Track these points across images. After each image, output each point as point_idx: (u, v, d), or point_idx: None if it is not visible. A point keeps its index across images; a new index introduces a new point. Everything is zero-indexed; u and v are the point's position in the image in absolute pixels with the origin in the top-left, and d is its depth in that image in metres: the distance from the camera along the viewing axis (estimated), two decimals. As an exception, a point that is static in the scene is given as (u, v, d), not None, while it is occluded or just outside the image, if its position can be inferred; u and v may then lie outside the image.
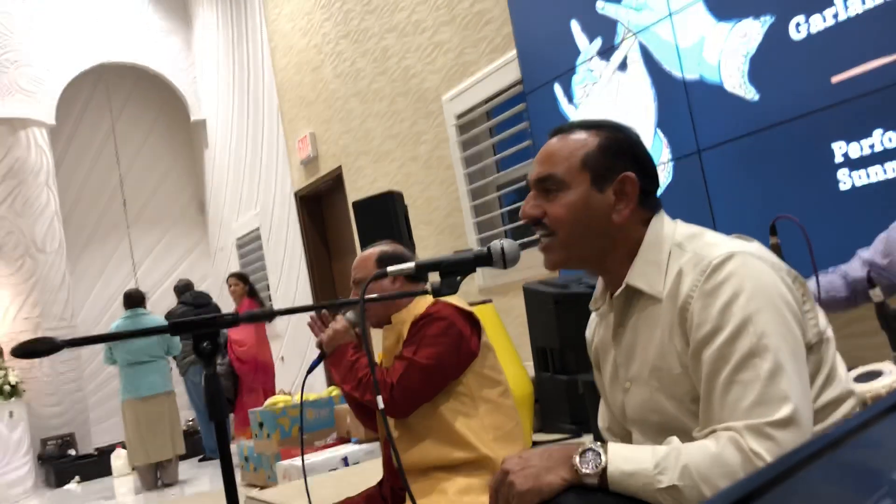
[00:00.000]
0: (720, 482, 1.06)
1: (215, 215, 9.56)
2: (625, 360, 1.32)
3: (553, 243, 1.30)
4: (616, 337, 1.34)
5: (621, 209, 1.28)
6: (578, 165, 1.29)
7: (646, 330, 1.27)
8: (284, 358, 8.02)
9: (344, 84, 6.36)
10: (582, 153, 1.29)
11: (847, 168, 2.70)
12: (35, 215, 8.17)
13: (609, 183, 1.28)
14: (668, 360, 1.22)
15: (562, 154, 1.31)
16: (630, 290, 1.28)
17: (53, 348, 1.20)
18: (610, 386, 1.40)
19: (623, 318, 1.32)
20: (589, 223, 1.28)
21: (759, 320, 1.12)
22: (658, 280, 1.24)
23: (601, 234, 1.28)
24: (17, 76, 8.31)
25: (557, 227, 1.28)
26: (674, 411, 1.22)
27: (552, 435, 3.51)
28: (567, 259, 1.32)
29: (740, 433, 1.08)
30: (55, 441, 8.00)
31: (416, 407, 1.98)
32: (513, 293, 4.50)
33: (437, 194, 5.35)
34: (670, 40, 3.32)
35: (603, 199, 1.28)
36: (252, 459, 5.45)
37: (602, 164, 1.29)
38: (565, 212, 1.28)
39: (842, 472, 0.44)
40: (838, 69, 2.70)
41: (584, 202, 1.28)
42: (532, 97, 4.11)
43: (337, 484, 3.27)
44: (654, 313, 1.25)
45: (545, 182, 1.30)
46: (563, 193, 1.28)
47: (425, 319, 1.98)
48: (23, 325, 7.98)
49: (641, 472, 1.09)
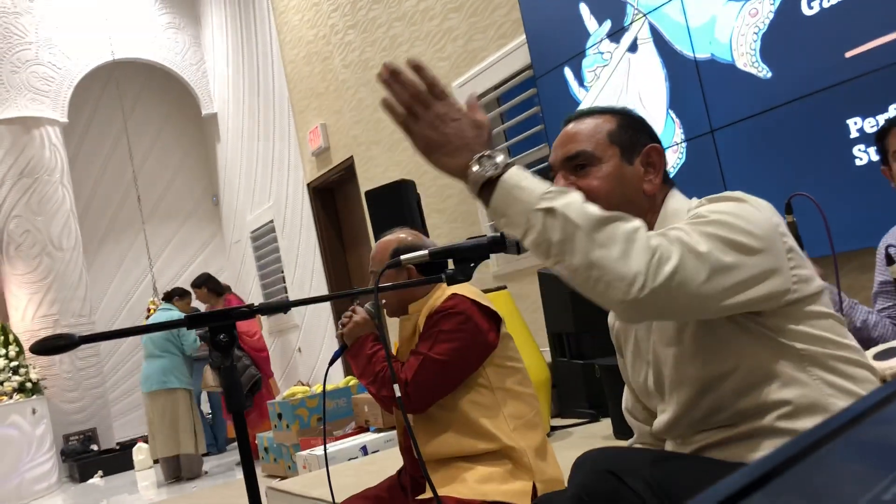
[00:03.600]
0: (595, 232, 1.08)
1: (229, 209, 9.60)
2: (645, 332, 1.33)
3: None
4: None
5: (652, 179, 1.32)
6: (605, 141, 1.32)
7: None
8: (301, 349, 8.06)
9: (353, 74, 6.35)
10: (606, 130, 1.33)
11: (863, 144, 2.67)
12: (51, 213, 8.23)
13: (636, 155, 1.32)
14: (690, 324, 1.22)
15: (586, 133, 1.33)
16: None
17: (72, 344, 1.21)
18: (633, 365, 1.40)
19: None
20: (623, 193, 1.30)
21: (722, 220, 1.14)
22: None
23: (634, 205, 1.30)
24: (28, 76, 8.37)
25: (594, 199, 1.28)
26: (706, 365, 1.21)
27: (570, 420, 3.51)
28: None
29: (659, 238, 1.10)
30: (77, 436, 8.09)
31: (431, 403, 1.97)
32: (528, 279, 4.49)
33: (449, 182, 5.34)
34: (681, 20, 3.29)
35: (633, 170, 1.32)
36: (272, 450, 5.49)
37: (627, 139, 1.32)
38: (601, 183, 1.30)
39: (863, 449, 0.43)
40: (852, 44, 2.67)
41: (617, 173, 1.30)
42: (542, 82, 4.09)
43: (356, 473, 3.29)
44: None
45: (575, 159, 1.32)
46: (595, 168, 1.31)
47: (441, 314, 1.96)
48: (41, 322, 8.05)
49: (531, 187, 1.13)
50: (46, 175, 8.26)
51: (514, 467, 1.91)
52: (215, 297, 6.68)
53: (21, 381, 7.43)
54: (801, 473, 0.39)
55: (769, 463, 0.39)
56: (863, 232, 2.55)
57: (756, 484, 0.38)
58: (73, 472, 7.92)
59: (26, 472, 7.19)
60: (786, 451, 0.40)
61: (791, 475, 0.39)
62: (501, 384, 1.97)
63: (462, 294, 1.97)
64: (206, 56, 9.49)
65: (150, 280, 9.11)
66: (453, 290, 1.99)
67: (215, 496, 5.59)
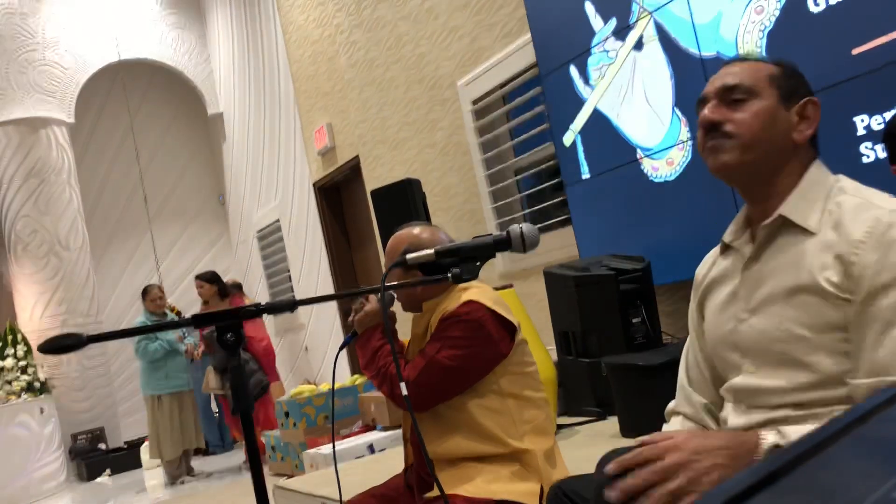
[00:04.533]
0: None
1: (235, 208, 9.62)
2: (749, 290, 1.30)
3: (730, 144, 1.30)
4: (746, 267, 1.32)
5: (803, 129, 1.30)
6: (766, 80, 1.31)
7: (787, 262, 1.25)
8: (308, 348, 8.07)
9: (359, 73, 6.35)
10: (768, 71, 1.32)
11: (870, 141, 2.66)
12: (58, 213, 8.26)
13: (794, 104, 1.30)
14: (811, 293, 1.20)
15: (748, 70, 1.33)
16: (779, 222, 1.28)
17: (79, 344, 1.21)
18: (717, 316, 1.37)
19: (762, 250, 1.31)
20: (773, 133, 1.29)
21: None
22: (813, 215, 1.24)
23: (779, 150, 1.29)
24: (35, 76, 8.40)
25: (742, 130, 1.29)
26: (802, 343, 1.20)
27: (576, 418, 3.51)
28: (741, 163, 1.30)
29: None
30: (85, 436, 8.12)
31: (432, 405, 1.95)
32: (533, 277, 4.49)
33: (454, 180, 5.34)
34: (686, 18, 3.29)
35: (788, 116, 1.30)
36: (279, 448, 5.50)
37: (788, 85, 1.31)
38: (752, 118, 1.29)
39: (870, 448, 0.43)
40: (859, 41, 2.66)
41: (772, 113, 1.29)
42: (548, 80, 4.08)
43: (363, 472, 3.29)
44: (802, 246, 1.24)
45: (732, 91, 1.31)
46: (751, 102, 1.30)
47: (454, 319, 1.92)
48: (49, 322, 8.08)
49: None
50: (54, 175, 8.29)
51: (522, 469, 1.91)
52: (218, 299, 6.52)
53: (29, 380, 7.47)
54: (809, 472, 0.39)
55: (777, 461, 0.39)
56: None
57: (764, 482, 0.38)
58: (81, 470, 7.95)
59: (34, 471, 7.22)
60: (793, 449, 0.40)
61: (798, 474, 0.39)
62: (514, 391, 1.94)
63: (479, 301, 1.93)
64: (212, 56, 9.51)
65: (157, 280, 9.13)
66: (471, 294, 1.95)
67: (223, 495, 5.60)
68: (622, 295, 3.34)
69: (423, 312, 2.05)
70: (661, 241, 3.55)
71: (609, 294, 3.34)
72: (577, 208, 4.02)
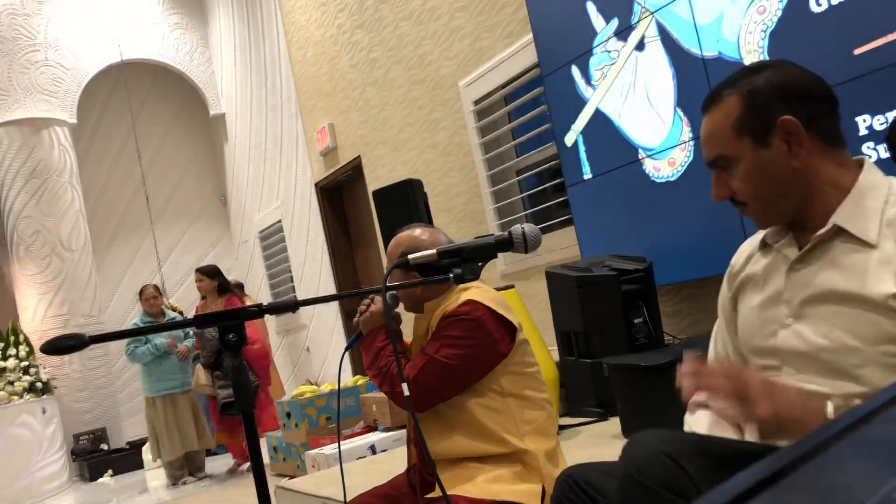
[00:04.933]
0: None
1: (237, 209, 9.63)
2: (794, 294, 1.27)
3: (750, 211, 1.31)
4: (792, 271, 1.29)
5: (796, 152, 1.25)
6: (733, 135, 1.28)
7: (842, 272, 1.21)
8: (310, 348, 8.08)
9: (361, 74, 6.36)
10: (731, 122, 1.28)
11: (872, 141, 2.66)
12: (60, 214, 8.27)
13: (771, 135, 1.26)
14: (869, 305, 1.17)
15: (714, 131, 1.31)
16: (835, 231, 1.24)
17: (81, 344, 1.21)
18: (757, 316, 1.34)
19: (810, 255, 1.27)
20: (772, 183, 1.27)
21: None
22: (871, 226, 1.20)
23: (790, 186, 1.26)
24: (38, 77, 8.40)
25: (745, 197, 1.30)
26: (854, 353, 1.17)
27: (578, 419, 3.51)
28: (771, 221, 1.32)
29: None
30: (87, 436, 8.12)
31: (432, 405, 1.95)
32: (535, 277, 4.49)
33: (456, 181, 5.34)
34: (688, 18, 3.29)
35: (773, 153, 1.26)
36: (281, 449, 5.51)
37: (754, 123, 1.26)
38: (745, 184, 1.28)
39: (871, 448, 0.43)
40: (861, 41, 2.65)
41: (757, 167, 1.27)
42: (549, 80, 4.08)
43: (365, 472, 3.30)
44: (860, 257, 1.20)
45: (717, 162, 1.32)
46: (735, 168, 1.29)
47: (454, 318, 1.92)
48: (51, 322, 8.09)
49: None
50: (56, 176, 8.29)
51: (524, 469, 1.91)
52: (216, 295, 6.31)
53: (31, 380, 7.47)
54: (811, 472, 0.39)
55: (778, 462, 0.39)
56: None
57: (765, 482, 0.38)
58: (84, 471, 7.95)
59: (37, 471, 7.22)
60: (795, 450, 0.40)
61: (800, 474, 0.39)
62: (515, 391, 1.94)
63: (479, 300, 1.93)
64: (214, 56, 9.52)
65: (160, 280, 9.13)
66: (472, 294, 1.95)
67: (225, 495, 5.61)
68: (624, 295, 3.34)
69: (424, 313, 2.05)
70: (662, 241, 3.55)
71: (611, 294, 3.34)
72: (578, 209, 4.02)
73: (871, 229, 1.20)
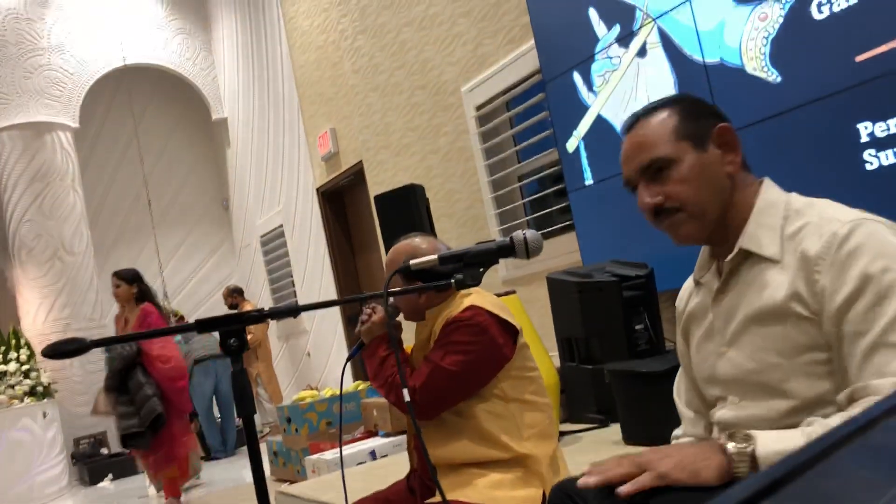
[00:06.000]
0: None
1: (239, 213, 9.63)
2: (723, 323, 1.31)
3: (682, 218, 1.30)
4: (716, 301, 1.33)
5: (731, 159, 1.29)
6: (673, 138, 1.30)
7: (753, 292, 1.25)
8: (310, 353, 8.07)
9: (363, 79, 6.37)
10: (670, 126, 1.31)
11: (874, 148, 2.66)
12: (62, 218, 8.28)
13: (708, 141, 1.29)
14: (778, 317, 1.20)
15: (652, 137, 1.31)
16: (742, 254, 1.28)
17: (82, 348, 1.22)
18: (698, 351, 1.38)
19: (728, 283, 1.31)
20: (709, 184, 1.28)
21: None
22: (773, 243, 1.24)
23: (722, 191, 1.29)
24: (41, 81, 8.42)
25: (682, 201, 1.29)
26: (777, 370, 1.20)
27: (579, 425, 3.50)
28: (701, 229, 1.31)
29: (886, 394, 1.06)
30: (88, 440, 8.12)
31: (439, 412, 1.95)
32: (536, 283, 4.49)
33: (457, 186, 5.35)
34: (690, 24, 3.29)
35: (710, 156, 1.29)
36: (281, 454, 5.50)
37: (694, 128, 1.30)
38: (685, 185, 1.28)
39: (873, 456, 0.43)
40: (862, 48, 2.66)
41: (697, 167, 1.28)
42: (551, 86, 4.09)
43: (365, 477, 3.29)
44: (765, 274, 1.24)
45: (651, 167, 1.30)
46: (674, 170, 1.29)
47: (457, 324, 1.93)
48: (53, 326, 8.09)
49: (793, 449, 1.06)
50: (58, 179, 8.30)
51: (526, 474, 1.91)
52: (133, 304, 5.48)
53: (32, 384, 7.46)
54: (812, 480, 0.39)
55: (780, 470, 0.39)
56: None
57: (766, 491, 0.38)
58: (84, 475, 7.94)
59: (37, 475, 7.22)
60: (794, 458, 0.40)
61: (802, 482, 0.39)
62: (517, 395, 1.95)
63: (480, 305, 1.94)
64: (217, 61, 9.53)
65: (161, 284, 9.14)
66: (472, 300, 1.96)
67: (224, 500, 5.60)
68: (625, 301, 3.33)
69: (426, 320, 2.05)
70: (664, 247, 3.53)
71: (612, 300, 3.33)
72: (580, 214, 4.02)
73: (773, 246, 1.24)
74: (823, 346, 1.17)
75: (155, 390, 5.22)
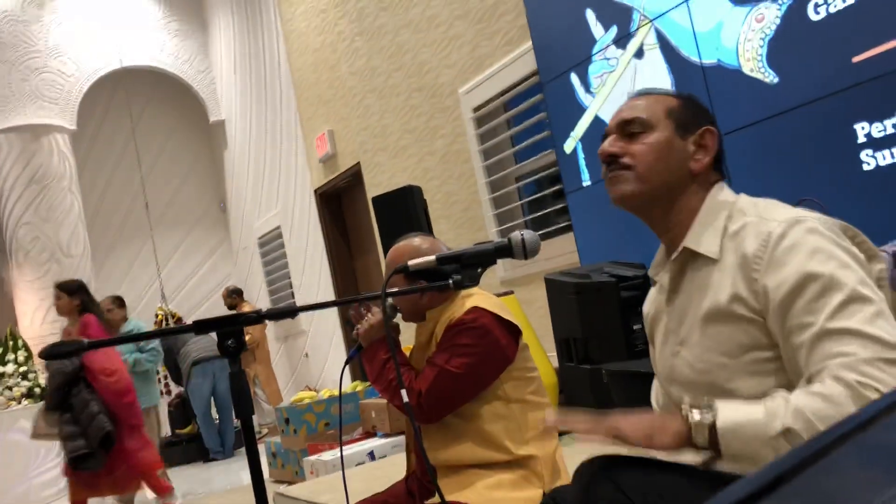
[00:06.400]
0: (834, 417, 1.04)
1: (237, 215, 9.63)
2: (676, 324, 1.33)
3: (626, 175, 1.33)
4: (669, 301, 1.36)
5: (700, 158, 1.33)
6: (663, 113, 1.35)
7: (699, 291, 1.28)
8: (308, 354, 8.07)
9: (360, 81, 6.37)
10: (665, 104, 1.36)
11: (871, 148, 2.67)
12: (59, 220, 8.26)
13: (691, 133, 1.34)
14: (722, 318, 1.23)
15: (646, 103, 1.37)
16: (686, 253, 1.31)
17: (80, 350, 1.22)
18: (660, 354, 1.40)
19: (677, 282, 1.34)
20: (668, 162, 1.32)
21: (842, 275, 1.13)
22: (714, 241, 1.27)
23: (676, 177, 1.32)
24: (38, 83, 8.41)
25: (637, 161, 1.32)
26: (724, 370, 1.23)
27: (578, 425, 3.50)
28: (637, 193, 1.33)
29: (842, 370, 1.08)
30: (86, 442, 8.08)
31: (445, 415, 1.95)
32: (534, 284, 4.49)
33: (455, 188, 5.35)
34: (687, 26, 3.29)
35: (684, 145, 1.33)
36: (279, 455, 5.50)
37: (685, 116, 1.35)
38: (648, 149, 1.32)
39: (872, 454, 0.43)
40: (859, 49, 2.66)
41: (667, 143, 1.32)
42: (549, 88, 4.09)
43: (364, 478, 3.29)
44: (709, 274, 1.27)
45: (630, 125, 1.35)
46: (647, 134, 1.33)
47: (460, 327, 1.92)
48: (50, 328, 8.07)
49: (752, 420, 1.09)
50: (55, 182, 8.29)
51: (526, 475, 1.91)
52: (76, 317, 5.24)
53: (30, 386, 7.45)
54: (811, 478, 0.39)
55: (778, 468, 0.39)
56: (871, 237, 2.54)
57: (765, 489, 0.38)
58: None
59: (34, 477, 7.20)
60: (795, 456, 0.40)
61: (800, 480, 0.39)
62: (518, 396, 1.95)
63: (483, 307, 1.94)
64: (214, 63, 9.53)
65: (158, 287, 9.14)
66: (474, 301, 1.95)
67: (223, 502, 5.59)
68: (623, 302, 3.34)
69: (426, 321, 2.05)
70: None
71: (610, 301, 3.34)
72: (577, 215, 4.03)
73: (712, 245, 1.27)
74: (766, 345, 1.19)
75: (101, 406, 4.82)
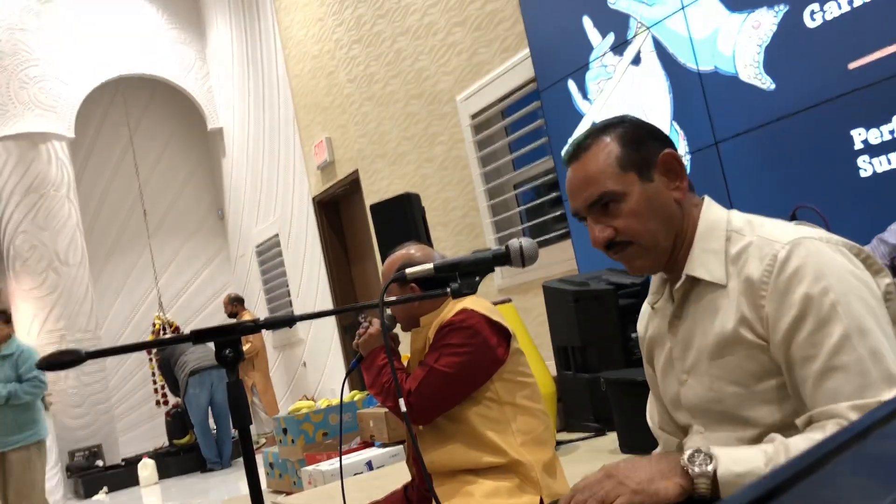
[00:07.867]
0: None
1: (235, 223, 9.62)
2: (681, 351, 1.30)
3: (634, 251, 1.28)
4: (672, 328, 1.32)
5: (677, 185, 1.28)
6: (618, 170, 1.26)
7: (705, 318, 1.25)
8: (306, 363, 8.05)
9: (358, 88, 6.38)
10: (613, 158, 1.27)
11: (867, 155, 2.67)
12: (57, 228, 8.26)
13: (653, 169, 1.27)
14: (730, 346, 1.20)
15: (596, 170, 1.28)
16: (690, 281, 1.26)
17: (78, 360, 1.21)
18: (663, 378, 1.37)
19: (681, 309, 1.30)
20: (659, 214, 1.26)
21: (845, 304, 1.10)
22: (718, 267, 1.23)
23: (671, 219, 1.27)
24: (36, 91, 8.41)
25: (633, 235, 1.26)
26: (737, 398, 1.20)
27: (576, 433, 3.50)
28: (654, 260, 1.29)
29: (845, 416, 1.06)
30: (83, 452, 8.07)
31: (435, 415, 1.95)
32: (532, 292, 4.49)
33: (453, 195, 5.35)
34: (684, 33, 3.30)
35: (657, 186, 1.27)
36: (277, 465, 5.48)
37: (637, 157, 1.27)
38: (635, 220, 1.26)
39: (869, 464, 0.43)
40: (855, 55, 2.67)
41: (645, 200, 1.26)
42: (546, 94, 4.10)
43: (362, 488, 3.28)
44: (715, 301, 1.23)
45: (599, 202, 1.27)
46: (622, 203, 1.26)
47: (450, 327, 1.94)
48: (48, 337, 8.06)
49: (753, 471, 1.07)
50: (53, 190, 8.29)
51: (522, 482, 1.90)
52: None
53: (27, 395, 7.42)
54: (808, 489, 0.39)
55: (775, 479, 0.39)
56: (867, 243, 2.54)
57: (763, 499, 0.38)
58: (79, 488, 7.90)
59: (32, 487, 7.17)
60: (792, 466, 0.40)
61: (797, 490, 0.39)
62: (510, 399, 1.95)
63: (472, 308, 1.95)
64: (212, 71, 9.54)
65: (156, 295, 9.13)
66: (464, 303, 1.97)
67: (221, 511, 5.57)
68: (621, 309, 3.34)
69: (420, 328, 2.06)
70: (659, 255, 3.55)
71: (608, 309, 3.33)
72: (575, 222, 4.02)
73: (718, 270, 1.23)
74: (775, 371, 1.17)
75: None
